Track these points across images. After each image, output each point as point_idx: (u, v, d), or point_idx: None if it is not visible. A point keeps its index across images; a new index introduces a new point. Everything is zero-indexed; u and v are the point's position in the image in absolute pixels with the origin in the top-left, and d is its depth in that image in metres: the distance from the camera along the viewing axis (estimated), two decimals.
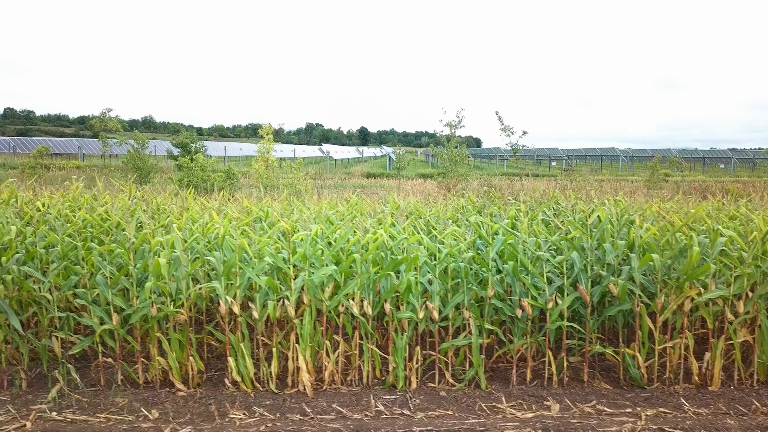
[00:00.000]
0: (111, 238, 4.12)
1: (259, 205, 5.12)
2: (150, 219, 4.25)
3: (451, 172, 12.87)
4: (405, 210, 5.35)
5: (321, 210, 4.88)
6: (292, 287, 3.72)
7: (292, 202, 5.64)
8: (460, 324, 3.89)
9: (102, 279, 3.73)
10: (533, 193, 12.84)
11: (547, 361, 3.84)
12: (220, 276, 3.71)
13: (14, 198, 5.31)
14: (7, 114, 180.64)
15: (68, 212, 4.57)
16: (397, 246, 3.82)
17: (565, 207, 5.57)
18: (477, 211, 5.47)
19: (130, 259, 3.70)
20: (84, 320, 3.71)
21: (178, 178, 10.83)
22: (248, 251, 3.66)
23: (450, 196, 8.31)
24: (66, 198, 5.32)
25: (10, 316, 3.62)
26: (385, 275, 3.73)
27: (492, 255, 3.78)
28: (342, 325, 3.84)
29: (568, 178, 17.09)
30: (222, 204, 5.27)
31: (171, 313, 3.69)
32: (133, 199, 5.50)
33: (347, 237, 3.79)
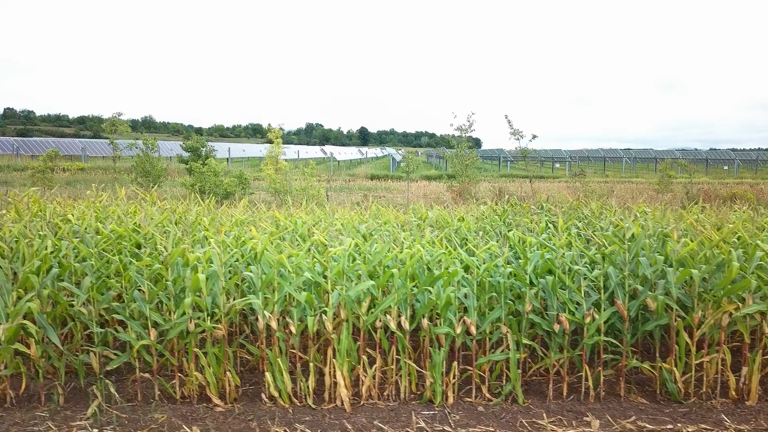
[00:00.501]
0: (146, 252, 4.11)
1: (287, 216, 5.11)
2: (183, 232, 4.24)
3: (462, 176, 12.85)
4: (432, 220, 5.34)
5: (350, 221, 4.86)
6: (330, 302, 3.72)
7: (315, 211, 5.62)
8: (496, 338, 3.88)
9: (139, 294, 3.72)
10: (543, 197, 12.82)
11: (584, 375, 3.83)
12: (257, 291, 3.71)
13: (38, 207, 5.30)
14: (7, 114, 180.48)
15: (98, 224, 4.55)
16: (435, 261, 3.81)
17: (590, 216, 5.56)
18: (503, 221, 5.47)
19: (168, 274, 3.69)
20: (121, 335, 3.70)
21: (190, 183, 10.81)
22: (287, 266, 3.66)
23: (470, 203, 8.31)
24: (94, 208, 5.30)
25: (48, 331, 3.62)
26: (423, 290, 3.73)
27: (530, 270, 3.78)
28: (379, 340, 3.84)
29: (577, 181, 16.98)
30: (252, 216, 5.27)
31: (208, 328, 3.69)
32: (158, 209, 5.49)
33: (385, 252, 3.78)
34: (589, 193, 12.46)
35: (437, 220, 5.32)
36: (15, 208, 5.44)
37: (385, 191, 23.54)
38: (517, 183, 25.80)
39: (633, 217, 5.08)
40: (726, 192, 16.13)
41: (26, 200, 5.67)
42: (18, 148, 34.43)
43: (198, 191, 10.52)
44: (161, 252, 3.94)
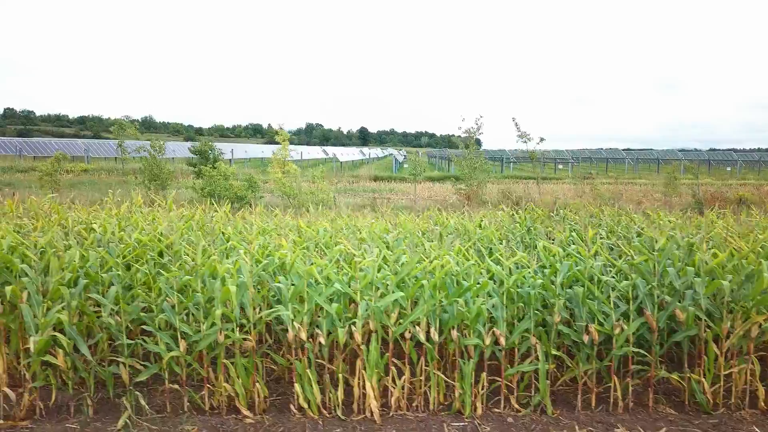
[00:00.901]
0: (172, 262, 4.10)
1: (309, 224, 5.10)
2: (209, 242, 4.23)
3: (470, 179, 12.84)
4: (454, 228, 5.33)
5: (373, 230, 4.85)
6: (359, 313, 3.71)
7: (337, 219, 5.61)
8: (525, 349, 3.88)
9: (168, 305, 3.72)
10: (550, 199, 12.78)
11: (612, 386, 3.83)
12: (286, 302, 3.70)
13: (60, 215, 5.29)
14: (7, 114, 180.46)
15: (122, 233, 4.53)
16: (464, 272, 3.81)
17: (611, 224, 5.56)
18: (523, 228, 5.46)
19: (197, 285, 3.69)
20: (151, 346, 3.70)
21: (200, 187, 10.79)
22: (317, 278, 3.65)
23: (480, 207, 8.28)
24: (116, 216, 5.28)
25: (78, 343, 3.62)
26: (452, 302, 3.73)
27: (559, 280, 3.78)
28: (407, 351, 3.83)
29: (587, 184, 16.88)
30: (273, 223, 5.26)
31: (237, 339, 3.68)
32: (178, 216, 5.48)
33: (413, 263, 3.77)
34: (597, 196, 12.45)
35: (457, 227, 5.32)
36: (35, 215, 5.44)
37: (390, 193, 23.51)
38: (522, 184, 25.75)
39: (656, 225, 5.08)
40: (732, 194, 16.11)
41: (47, 208, 5.65)
42: (20, 149, 34.38)
43: (208, 195, 10.50)
44: (187, 262, 3.94)
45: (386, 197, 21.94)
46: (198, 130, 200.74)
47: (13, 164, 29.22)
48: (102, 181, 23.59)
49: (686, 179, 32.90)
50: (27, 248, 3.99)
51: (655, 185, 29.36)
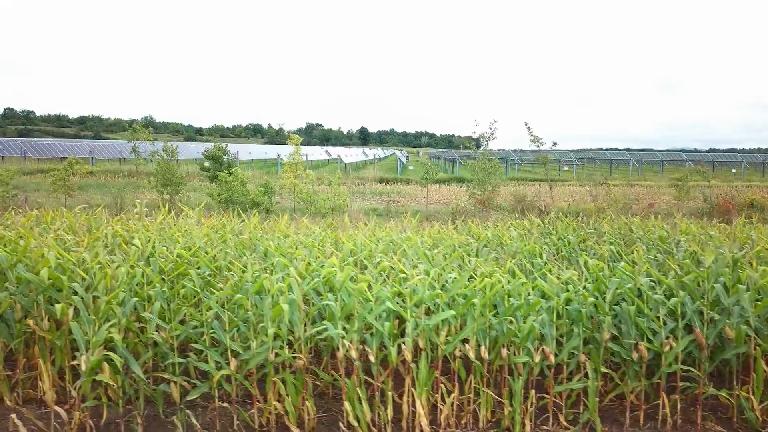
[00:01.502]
0: (218, 278, 4.10)
1: (346, 236, 5.09)
2: (254, 257, 4.23)
3: (485, 184, 12.85)
4: (488, 238, 5.32)
5: (414, 242, 4.84)
6: (409, 331, 3.71)
7: (376, 232, 5.60)
8: (573, 366, 3.88)
9: (218, 324, 3.72)
10: (564, 204, 12.68)
11: (661, 403, 3.83)
12: (336, 320, 3.70)
13: (98, 230, 5.28)
14: (7, 114, 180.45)
15: (163, 247, 4.52)
16: (515, 290, 3.81)
17: (645, 237, 5.55)
18: (560, 240, 5.45)
19: (247, 303, 3.69)
20: (201, 365, 3.69)
21: (217, 193, 10.78)
22: (368, 296, 3.65)
23: (493, 212, 8.28)
24: (155, 229, 5.26)
25: (130, 361, 3.61)
26: (503, 320, 3.73)
27: (609, 298, 3.78)
28: (456, 368, 3.83)
29: (596, 186, 16.80)
30: (304, 234, 5.26)
31: (288, 358, 3.68)
32: (212, 228, 5.48)
33: (463, 281, 3.77)
34: (613, 202, 12.45)
35: (493, 238, 5.31)
36: (70, 227, 5.43)
37: (398, 195, 23.51)
38: (530, 187, 25.69)
39: (694, 237, 5.08)
40: (743, 198, 16.10)
41: (82, 220, 5.65)
42: (25, 150, 34.35)
43: (225, 201, 10.50)
44: (232, 278, 3.95)
45: (395, 200, 21.96)
46: (198, 130, 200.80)
47: (19, 167, 29.17)
48: (109, 183, 23.54)
49: (693, 181, 32.92)
50: (75, 265, 3.99)
51: (661, 187, 29.36)
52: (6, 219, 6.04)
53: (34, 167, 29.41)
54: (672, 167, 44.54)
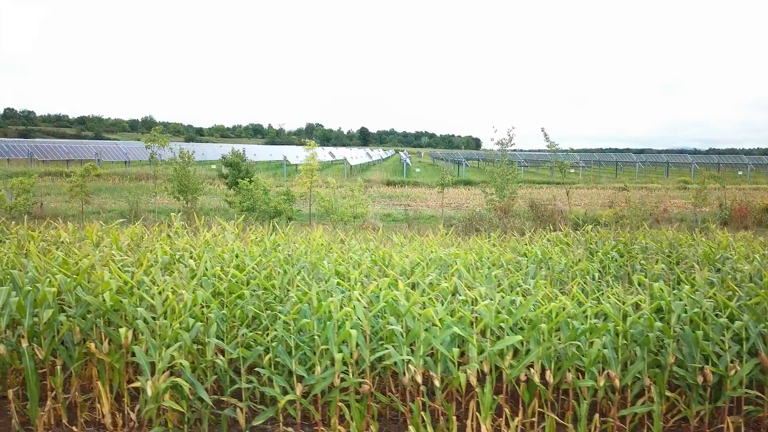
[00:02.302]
0: (278, 300, 4.08)
1: (391, 252, 5.06)
2: (315, 280, 4.21)
3: (503, 190, 12.83)
4: (537, 255, 5.29)
5: (466, 260, 4.82)
6: (472, 355, 3.70)
7: (425, 248, 5.56)
8: (638, 390, 3.86)
9: (283, 348, 3.70)
10: (581, 210, 12.56)
11: (726, 427, 3.81)
12: (401, 345, 3.69)
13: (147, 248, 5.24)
14: (7, 114, 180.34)
15: (216, 268, 4.49)
16: (581, 314, 3.80)
17: (689, 252, 5.53)
18: (604, 256, 5.43)
19: (314, 328, 3.67)
20: (267, 390, 3.68)
21: (239, 201, 10.74)
22: (436, 322, 3.64)
23: (514, 220, 8.26)
24: (204, 247, 5.22)
25: (197, 387, 3.60)
26: (568, 344, 3.71)
27: (674, 322, 3.77)
28: (521, 392, 3.82)
29: (598, 187, 16.74)
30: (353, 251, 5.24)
31: (353, 383, 3.67)
32: (258, 244, 5.45)
33: (529, 306, 3.76)
34: (632, 208, 12.44)
35: (542, 255, 5.27)
36: (115, 241, 5.40)
37: (407, 199, 23.51)
38: (539, 190, 25.67)
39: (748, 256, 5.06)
40: (758, 203, 16.09)
41: (127, 236, 5.61)
42: (32, 153, 34.31)
43: (247, 210, 10.47)
44: (290, 299, 3.93)
45: (405, 203, 21.95)
46: (198, 130, 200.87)
47: (26, 169, 29.14)
48: (119, 187, 23.53)
49: (698, 183, 32.91)
50: (135, 287, 3.98)
51: (668, 189, 29.41)
52: (49, 235, 6.00)
53: (41, 170, 29.41)
54: (676, 168, 44.58)
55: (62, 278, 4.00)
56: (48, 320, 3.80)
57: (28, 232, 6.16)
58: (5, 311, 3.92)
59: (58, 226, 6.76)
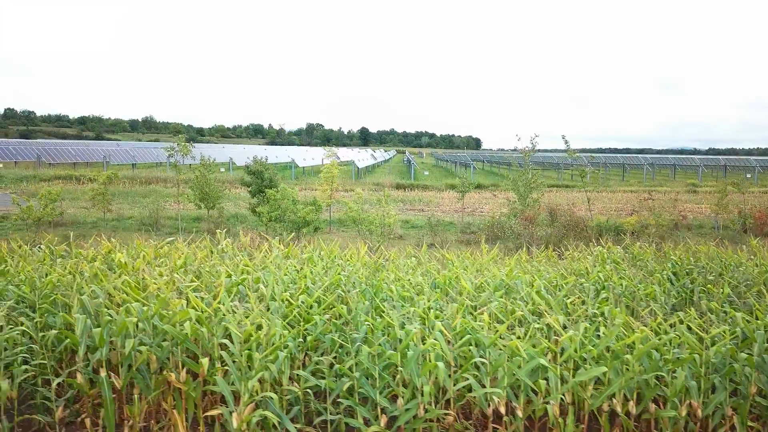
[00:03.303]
0: (352, 328, 4.07)
1: (450, 274, 5.05)
2: (390, 307, 4.20)
3: (526, 198, 12.81)
4: (596, 277, 5.28)
5: (527, 284, 4.82)
6: (552, 386, 3.69)
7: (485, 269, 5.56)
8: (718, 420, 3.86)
9: (365, 380, 3.70)
10: (602, 219, 12.39)
11: None
12: (484, 376, 3.68)
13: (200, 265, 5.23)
14: (7, 114, 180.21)
15: (285, 293, 4.48)
16: (664, 345, 3.79)
17: (746, 272, 5.52)
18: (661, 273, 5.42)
19: (398, 359, 3.66)
20: (351, 421, 3.67)
21: (267, 211, 10.71)
22: (522, 354, 3.63)
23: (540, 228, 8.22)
24: (266, 268, 5.20)
25: (284, 420, 3.59)
26: (651, 374, 3.71)
27: (757, 351, 3.76)
28: (603, 423, 3.82)
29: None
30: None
31: (437, 415, 3.66)
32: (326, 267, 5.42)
33: (612, 337, 3.76)
34: (657, 217, 12.42)
35: (604, 278, 5.25)
36: (175, 264, 5.38)
37: (421, 204, 23.46)
38: (552, 194, 25.55)
39: None
40: None
41: (175, 254, 5.61)
42: (40, 156, 34.25)
43: (275, 220, 10.45)
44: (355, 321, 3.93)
45: (419, 208, 21.91)
46: (199, 130, 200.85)
47: (36, 173, 29.08)
48: (131, 191, 23.47)
49: (707, 186, 32.81)
50: (213, 315, 3.97)
51: (678, 192, 29.37)
52: (95, 253, 5.98)
53: (50, 173, 29.33)
54: (681, 170, 44.56)
55: (138, 306, 3.99)
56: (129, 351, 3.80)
57: (78, 250, 6.16)
58: (83, 340, 3.92)
59: (102, 241, 6.74)
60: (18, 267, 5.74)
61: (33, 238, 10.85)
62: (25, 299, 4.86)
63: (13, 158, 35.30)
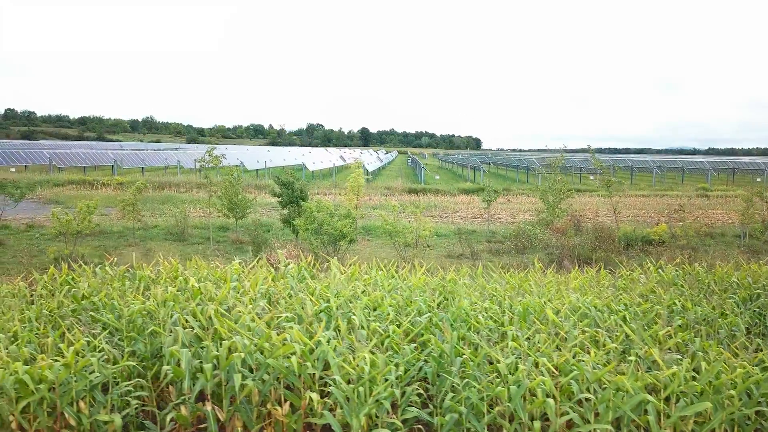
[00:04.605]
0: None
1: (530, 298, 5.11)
2: (483, 340, 4.26)
3: (554, 209, 12.85)
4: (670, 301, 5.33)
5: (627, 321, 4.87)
6: (661, 423, 3.75)
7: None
8: None
9: (473, 416, 3.76)
10: (628, 228, 12.39)
11: None
12: (588, 411, 3.75)
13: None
14: (8, 115, 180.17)
15: (375, 323, 4.53)
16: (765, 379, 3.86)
17: None
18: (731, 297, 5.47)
19: (506, 396, 3.72)
20: None
21: (304, 224, 10.73)
22: (629, 388, 3.69)
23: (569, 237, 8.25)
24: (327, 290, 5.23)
25: None
26: (752, 408, 3.78)
27: None
28: None
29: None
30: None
31: None
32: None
33: (715, 372, 3.82)
34: (687, 228, 12.46)
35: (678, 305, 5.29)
36: (253, 289, 5.42)
37: (436, 209, 23.44)
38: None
39: None
40: None
41: (248, 278, 5.65)
42: (51, 159, 34.26)
43: (313, 234, 10.49)
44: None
45: (436, 215, 21.90)
46: (199, 130, 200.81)
47: (48, 178, 29.07)
48: (146, 197, 23.46)
49: (717, 191, 32.84)
50: (312, 348, 4.02)
51: (690, 197, 29.37)
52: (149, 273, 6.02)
53: (63, 178, 29.32)
54: (688, 173, 44.57)
55: (241, 341, 4.04)
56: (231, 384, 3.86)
57: (143, 273, 6.20)
58: (188, 373, 3.97)
59: (160, 260, 6.79)
60: (88, 288, 5.79)
61: (71, 250, 10.89)
62: (107, 325, 4.91)
63: (23, 162, 35.30)
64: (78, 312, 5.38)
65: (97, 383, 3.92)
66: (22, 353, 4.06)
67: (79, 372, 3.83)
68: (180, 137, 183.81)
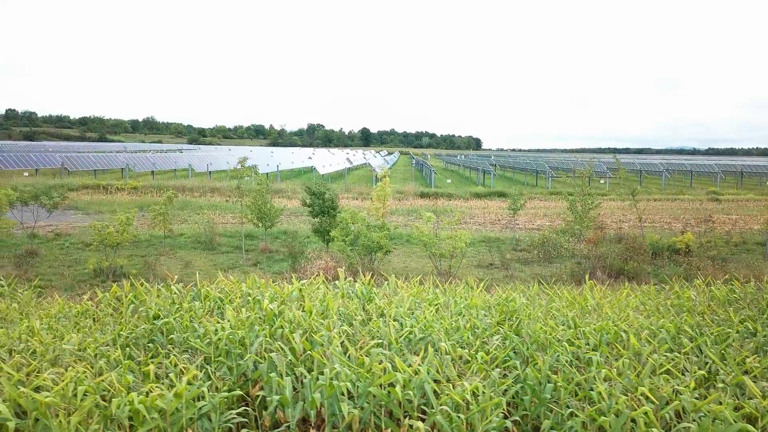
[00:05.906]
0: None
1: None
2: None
3: (583, 219, 12.96)
4: None
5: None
6: None
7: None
8: None
9: None
10: (653, 236, 12.50)
11: None
12: None
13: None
14: (9, 115, 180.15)
15: (460, 349, 4.64)
16: None
17: None
18: None
19: (609, 426, 3.83)
20: None
21: (341, 237, 10.82)
22: (728, 418, 3.80)
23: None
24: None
25: None
26: None
27: None
28: None
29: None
30: None
31: None
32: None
33: None
34: (718, 237, 12.55)
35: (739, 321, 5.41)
36: (331, 307, 5.51)
37: (458, 214, 23.48)
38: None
39: None
40: None
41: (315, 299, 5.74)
42: (63, 162, 34.32)
43: (350, 245, 10.59)
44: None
45: (462, 221, 21.93)
46: (200, 131, 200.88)
47: (62, 182, 29.11)
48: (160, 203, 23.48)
49: (728, 194, 32.93)
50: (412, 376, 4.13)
51: (702, 201, 29.44)
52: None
53: (77, 182, 29.37)
54: (695, 176, 44.68)
55: (342, 369, 4.14)
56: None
57: (206, 289, 6.30)
58: (292, 402, 4.08)
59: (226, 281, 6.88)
60: (156, 308, 5.89)
61: (111, 261, 10.99)
62: (194, 349, 5.00)
63: (34, 165, 35.38)
64: (153, 334, 5.48)
65: (206, 411, 4.01)
66: (126, 380, 4.15)
67: (188, 400, 3.93)
68: (181, 137, 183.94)
